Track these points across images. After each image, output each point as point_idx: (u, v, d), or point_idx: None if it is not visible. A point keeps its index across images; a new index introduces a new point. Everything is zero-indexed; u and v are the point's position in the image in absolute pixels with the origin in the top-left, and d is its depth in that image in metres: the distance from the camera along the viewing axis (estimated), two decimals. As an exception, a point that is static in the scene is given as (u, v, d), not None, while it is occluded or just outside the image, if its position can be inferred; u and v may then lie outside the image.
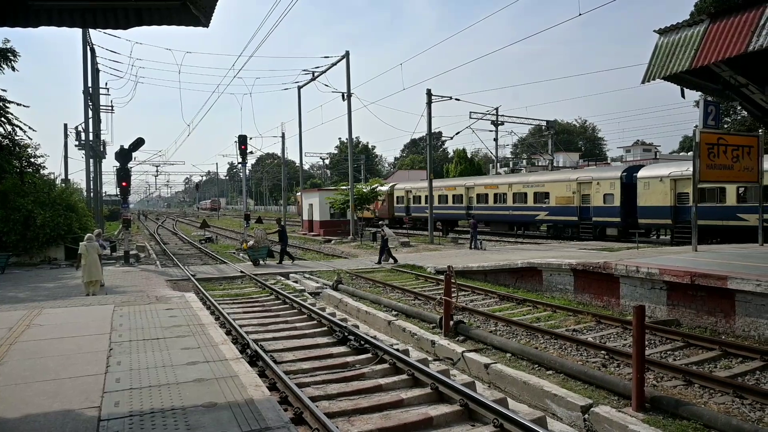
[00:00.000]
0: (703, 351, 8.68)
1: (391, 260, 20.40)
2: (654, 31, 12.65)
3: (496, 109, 43.74)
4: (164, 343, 7.98)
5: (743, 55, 10.74)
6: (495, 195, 34.15)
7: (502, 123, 44.66)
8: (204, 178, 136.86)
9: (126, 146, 19.73)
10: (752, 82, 12.98)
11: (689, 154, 36.96)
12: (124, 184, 20.07)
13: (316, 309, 11.41)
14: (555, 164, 56.87)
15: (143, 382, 6.15)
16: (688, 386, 7.12)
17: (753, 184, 16.32)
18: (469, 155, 68.67)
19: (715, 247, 17.87)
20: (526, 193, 31.83)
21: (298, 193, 55.89)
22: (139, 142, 20.14)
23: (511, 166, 76.13)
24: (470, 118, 40.65)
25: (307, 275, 17.64)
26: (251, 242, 20.39)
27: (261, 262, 20.06)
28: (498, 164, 54.65)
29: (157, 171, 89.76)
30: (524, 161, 79.68)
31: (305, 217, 40.91)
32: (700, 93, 15.59)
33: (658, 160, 64.10)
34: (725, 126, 38.07)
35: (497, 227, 34.92)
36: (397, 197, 43.68)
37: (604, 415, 6.02)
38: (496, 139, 46.57)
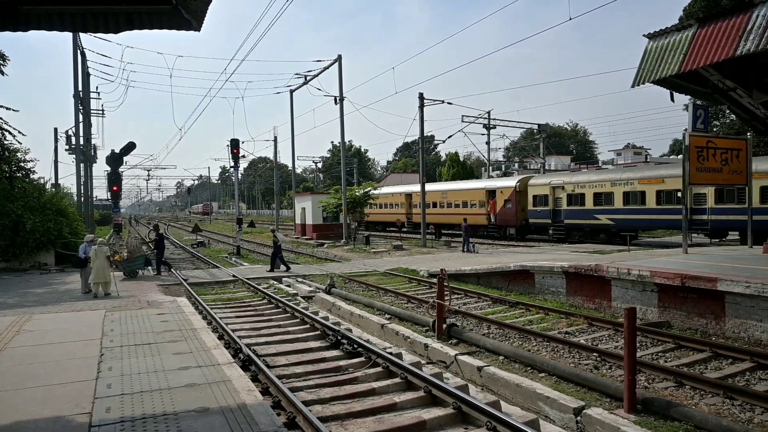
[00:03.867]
0: (693, 352, 8.74)
1: (283, 267, 19.43)
2: (643, 35, 12.78)
3: (488, 112, 43.94)
4: (156, 348, 7.93)
5: (731, 59, 10.87)
6: (596, 195, 27.45)
7: (494, 126, 44.83)
8: (196, 182, 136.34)
9: (117, 150, 19.62)
10: (740, 86, 13.13)
11: (679, 157, 37.26)
12: (115, 188, 19.94)
13: (309, 313, 11.39)
14: (547, 167, 57.18)
15: (135, 388, 6.11)
16: (680, 388, 7.17)
17: (742, 186, 16.48)
18: (461, 158, 69.06)
19: (705, 249, 18.03)
20: (644, 191, 25.31)
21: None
22: (130, 147, 20.04)
23: (503, 169, 76.49)
24: (462, 121, 40.79)
25: (300, 279, 17.60)
26: (125, 254, 18.40)
27: (140, 272, 18.40)
28: (490, 167, 54.85)
29: (148, 175, 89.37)
30: (516, 164, 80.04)
31: (298, 220, 40.84)
32: (689, 97, 15.75)
33: (649, 163, 64.65)
34: (714, 129, 38.45)
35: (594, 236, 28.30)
36: (535, 196, 31.24)
37: (596, 416, 6.05)
38: (488, 143, 46.80)
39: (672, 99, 13.94)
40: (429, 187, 38.75)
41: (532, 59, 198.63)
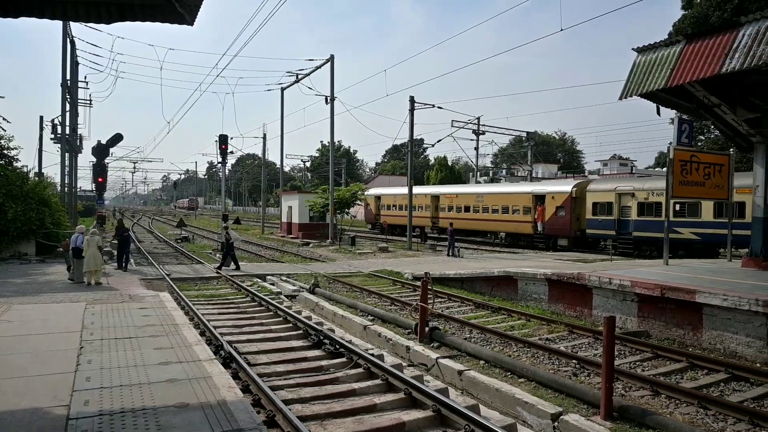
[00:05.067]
0: (670, 362, 8.89)
1: (233, 265, 19.08)
2: (632, 49, 13.00)
3: (478, 118, 44.24)
4: (137, 342, 7.88)
5: (717, 76, 11.11)
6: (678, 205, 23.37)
7: (484, 132, 45.15)
8: (182, 176, 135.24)
9: (103, 141, 19.43)
10: (724, 103, 13.41)
11: (664, 169, 37.83)
12: (100, 179, 19.75)
13: (292, 312, 11.37)
14: (534, 175, 57.67)
15: (114, 382, 6.07)
16: (655, 396, 7.29)
17: (723, 200, 16.78)
18: (449, 163, 69.29)
19: (685, 261, 18.32)
20: (743, 203, 21.27)
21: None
22: (117, 138, 19.85)
23: (491, 175, 77.02)
24: (452, 126, 41.06)
25: (284, 278, 17.55)
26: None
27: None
28: (478, 173, 55.16)
29: (134, 168, 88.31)
30: (504, 171, 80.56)
31: (284, 219, 40.67)
32: (675, 111, 16.03)
33: (634, 175, 65.45)
34: (699, 144, 39.07)
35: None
36: (596, 203, 27.11)
37: (573, 423, 6.13)
38: (477, 148, 47.05)
39: (658, 113, 14.19)
40: (462, 189, 37.88)
41: (523, 67, 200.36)
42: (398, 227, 40.74)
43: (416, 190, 41.56)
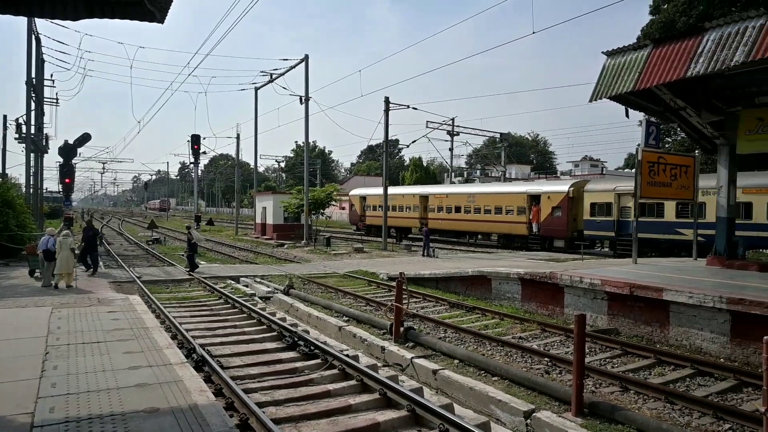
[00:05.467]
0: (639, 359, 9.11)
1: (202, 265, 18.58)
2: (602, 52, 13.27)
3: (452, 119, 44.52)
4: (105, 346, 7.70)
5: (682, 80, 11.42)
6: (681, 205, 22.66)
7: (458, 133, 45.44)
8: (153, 177, 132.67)
9: (71, 141, 18.93)
10: (690, 106, 13.80)
11: (633, 170, 38.71)
12: (67, 180, 19.24)
13: (266, 314, 11.27)
14: (508, 176, 58.38)
15: (81, 387, 5.92)
16: (625, 392, 7.46)
17: (689, 200, 17.26)
18: (424, 163, 69.74)
19: (654, 260, 18.79)
20: (750, 203, 21.11)
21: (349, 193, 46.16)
22: (85, 138, 19.38)
23: (465, 176, 77.68)
24: (427, 127, 41.18)
25: (258, 279, 17.38)
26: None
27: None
28: (452, 173, 55.57)
29: (103, 168, 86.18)
30: (478, 171, 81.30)
31: (258, 220, 40.28)
32: (643, 113, 16.42)
33: (605, 176, 66.82)
34: (666, 146, 40.10)
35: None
36: (594, 204, 26.13)
37: (545, 420, 6.23)
38: (451, 149, 47.33)
39: (627, 115, 14.53)
40: (453, 189, 36.94)
41: (498, 69, 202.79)
42: (381, 228, 39.82)
43: (404, 190, 41.58)
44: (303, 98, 31.95)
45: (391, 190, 41.31)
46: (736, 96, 14.19)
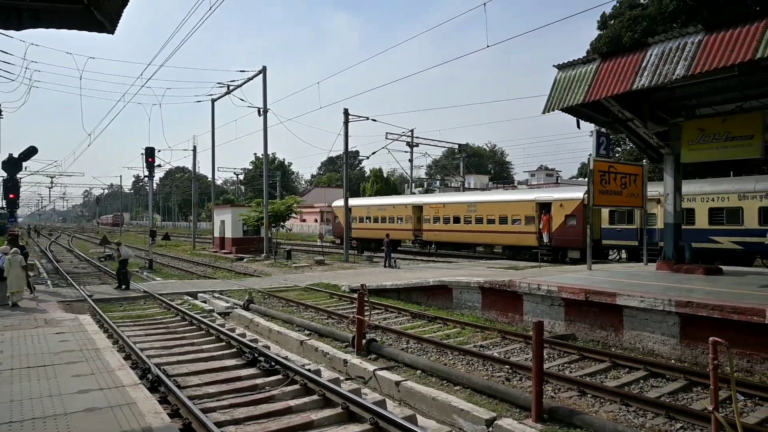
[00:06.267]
0: (595, 363, 9.34)
1: (123, 287, 17.79)
2: (553, 65, 13.71)
3: (412, 131, 45.00)
4: (52, 370, 7.34)
5: (628, 92, 11.91)
6: (714, 211, 21.39)
7: (417, 145, 45.97)
8: (106, 191, 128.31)
9: (16, 155, 18.09)
10: (637, 117, 14.41)
11: (587, 179, 39.69)
12: (11, 196, 18.35)
13: (225, 330, 11.00)
14: (467, 186, 59.30)
15: (26, 415, 5.61)
16: (582, 396, 7.63)
17: (638, 208, 17.95)
18: (385, 175, 70.19)
19: (608, 266, 19.39)
20: None
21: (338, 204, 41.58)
22: (31, 151, 18.57)
23: (425, 186, 78.46)
24: (386, 138, 41.46)
25: (217, 295, 16.98)
26: None
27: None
28: (413, 184, 56.06)
29: (51, 183, 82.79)
30: (438, 182, 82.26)
31: (216, 233, 39.46)
32: (593, 124, 17.02)
33: (560, 185, 68.79)
34: (617, 155, 41.67)
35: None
36: (614, 211, 24.44)
37: (506, 427, 6.29)
38: (411, 160, 47.81)
39: (578, 126, 15.02)
40: (452, 197, 34.81)
41: (456, 80, 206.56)
42: (373, 242, 37.45)
43: (396, 200, 39.51)
44: (261, 110, 31.63)
45: (381, 200, 41.16)
46: (679, 107, 14.93)
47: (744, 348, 8.82)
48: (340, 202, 41.98)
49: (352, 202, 41.40)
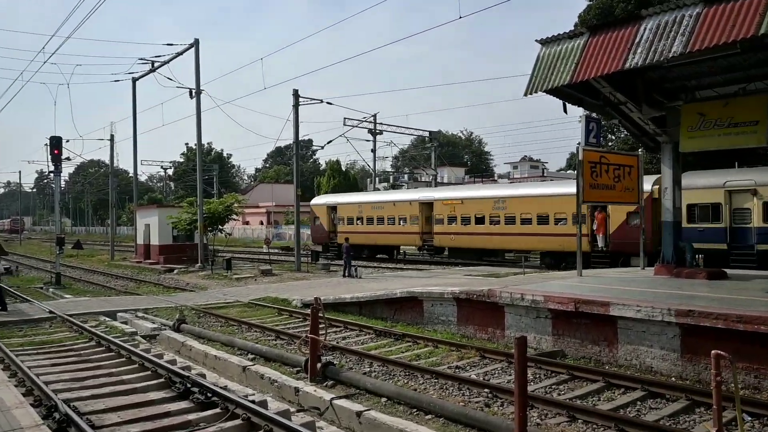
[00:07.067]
0: (587, 383, 9.57)
1: None
2: (536, 40, 13.98)
3: (374, 116, 45.17)
4: (-69, 412, 7.01)
5: (620, 71, 12.26)
6: None
7: (381, 132, 46.23)
8: (2, 190, 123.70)
9: None
10: (630, 100, 14.83)
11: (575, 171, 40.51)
12: None
13: (151, 356, 10.77)
14: (440, 180, 59.88)
15: None
16: (572, 422, 7.79)
17: (634, 204, 18.46)
18: (343, 167, 70.21)
19: (601, 271, 19.90)
20: None
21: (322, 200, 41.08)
22: None
23: (391, 180, 78.85)
24: (345, 125, 41.53)
25: (141, 314, 16.63)
26: None
27: None
28: (376, 179, 56.20)
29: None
30: (405, 176, 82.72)
31: (140, 240, 38.70)
32: (582, 108, 17.43)
33: (546, 178, 70.28)
34: (610, 144, 42.81)
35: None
36: (693, 205, 22.73)
37: (485, 461, 6.37)
38: (374, 150, 47.93)
39: (565, 110, 15.36)
40: (472, 192, 33.25)
41: (423, 59, 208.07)
42: (366, 249, 35.80)
43: (398, 195, 38.46)
44: (193, 91, 31.18)
45: (377, 196, 40.00)
46: (677, 89, 15.45)
47: (751, 362, 9.18)
48: (322, 200, 41.59)
49: (339, 198, 40.51)
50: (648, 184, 23.22)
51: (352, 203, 38.40)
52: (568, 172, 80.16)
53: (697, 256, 24.89)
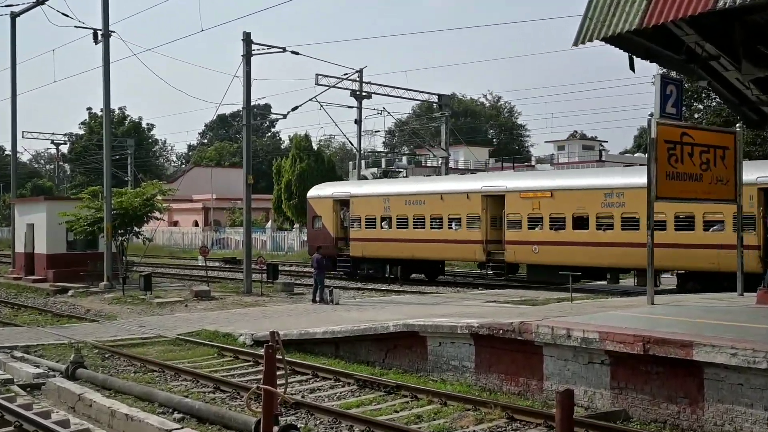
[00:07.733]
0: (659, 459, 9.62)
1: None
2: (591, -33, 13.98)
3: (360, 71, 44.93)
4: None
5: (711, 12, 12.27)
6: None
7: (369, 95, 46.03)
8: None
9: None
10: (724, 54, 14.85)
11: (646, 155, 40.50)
12: None
13: (32, 415, 10.79)
14: (453, 163, 59.82)
15: None
16: None
17: (729, 203, 18.42)
18: (315, 145, 69.79)
19: (676, 297, 19.96)
20: None
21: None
22: None
23: (383, 164, 78.47)
24: (317, 84, 41.33)
25: (20, 354, 16.61)
26: None
27: None
28: (362, 161, 55.98)
29: None
30: (404, 158, 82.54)
31: (19, 247, 38.63)
32: (657, 65, 17.46)
33: (605, 163, 70.33)
34: (696, 116, 42.98)
35: None
36: None
37: None
38: (359, 121, 47.70)
39: (632, 67, 15.35)
40: (566, 180, 31.53)
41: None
42: (389, 263, 34.77)
43: (446, 184, 36.64)
44: (100, 33, 31.10)
45: (413, 184, 38.32)
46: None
47: None
48: (324, 190, 39.63)
49: (352, 189, 38.98)
50: (752, 172, 23.06)
51: (375, 195, 37.01)
52: (636, 155, 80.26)
53: None
